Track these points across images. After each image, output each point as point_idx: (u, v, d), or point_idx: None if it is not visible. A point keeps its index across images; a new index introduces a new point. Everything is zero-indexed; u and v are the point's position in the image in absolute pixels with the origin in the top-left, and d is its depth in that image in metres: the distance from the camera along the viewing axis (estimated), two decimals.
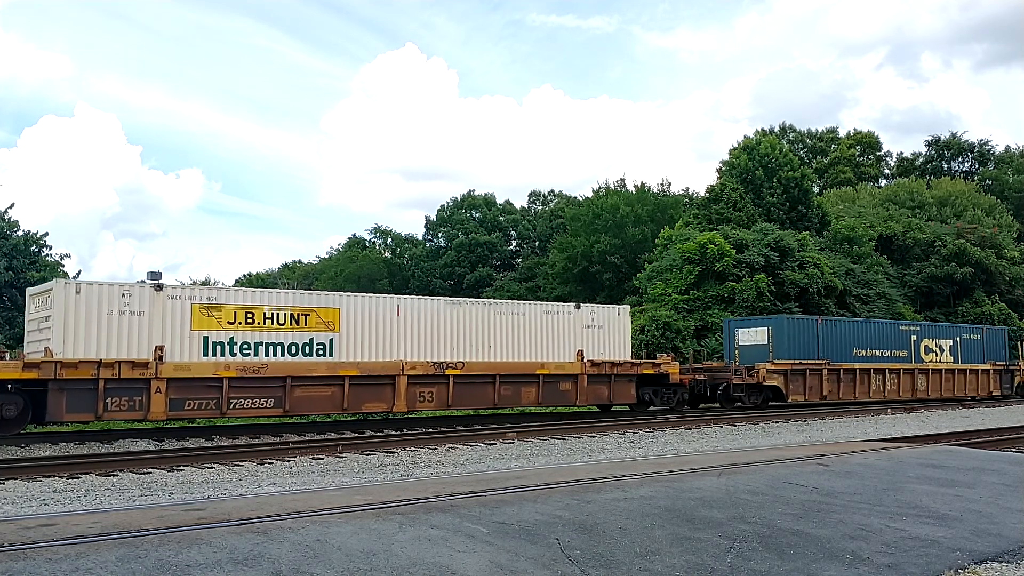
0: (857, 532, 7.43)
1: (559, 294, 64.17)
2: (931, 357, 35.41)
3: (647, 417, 24.64)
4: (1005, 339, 40.40)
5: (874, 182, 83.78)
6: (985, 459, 13.10)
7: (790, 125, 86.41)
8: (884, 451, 13.89)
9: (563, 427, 21.06)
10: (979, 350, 37.76)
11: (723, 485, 9.72)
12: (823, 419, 25.37)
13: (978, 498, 9.33)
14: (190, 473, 13.46)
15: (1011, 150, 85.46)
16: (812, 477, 10.58)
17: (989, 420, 25.34)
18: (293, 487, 11.50)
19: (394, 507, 8.03)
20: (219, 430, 20.49)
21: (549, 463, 14.45)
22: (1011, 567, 6.46)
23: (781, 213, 53.48)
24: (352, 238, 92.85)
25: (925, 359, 35.06)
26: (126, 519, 7.46)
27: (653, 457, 14.64)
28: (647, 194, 66.69)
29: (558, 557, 6.34)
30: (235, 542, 6.40)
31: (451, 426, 22.46)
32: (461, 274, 77.34)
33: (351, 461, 14.93)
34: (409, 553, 6.26)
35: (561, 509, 8.06)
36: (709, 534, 7.22)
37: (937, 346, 35.86)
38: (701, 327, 42.25)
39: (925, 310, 52.68)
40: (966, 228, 58.65)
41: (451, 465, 14.42)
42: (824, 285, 45.07)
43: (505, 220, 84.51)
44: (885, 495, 9.37)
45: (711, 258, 43.36)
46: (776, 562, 6.39)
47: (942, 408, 30.88)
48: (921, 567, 6.36)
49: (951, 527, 7.73)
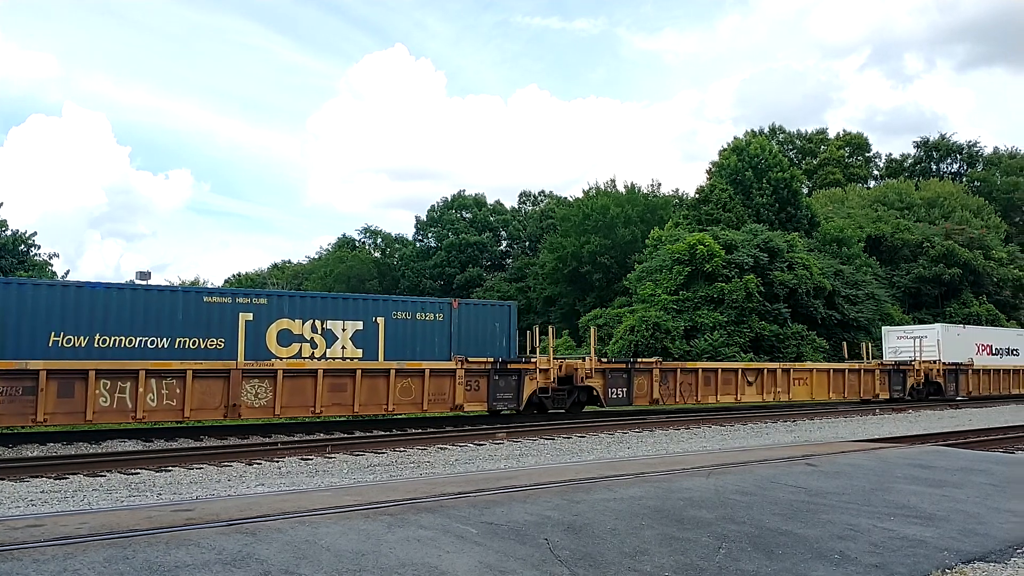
0: (845, 532, 7.45)
1: (549, 294, 64.25)
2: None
3: (637, 417, 24.61)
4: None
5: (863, 183, 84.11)
6: (973, 459, 13.16)
7: (779, 126, 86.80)
8: (872, 451, 13.95)
9: (552, 427, 21.08)
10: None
11: (712, 485, 9.74)
12: (811, 419, 25.43)
13: (966, 498, 9.37)
14: (178, 474, 13.41)
15: (999, 151, 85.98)
16: (801, 477, 10.61)
17: (977, 421, 25.45)
18: (282, 488, 11.47)
19: (383, 508, 8.03)
20: (208, 430, 20.44)
21: (539, 463, 14.46)
22: (998, 567, 6.48)
23: (770, 214, 53.63)
24: (342, 238, 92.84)
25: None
26: (114, 520, 7.43)
27: (642, 457, 14.66)
28: (637, 195, 66.80)
29: (547, 557, 6.34)
30: (224, 543, 6.39)
31: (441, 426, 22.45)
32: (451, 274, 77.30)
33: (340, 462, 14.91)
34: (398, 554, 6.26)
35: (550, 509, 8.06)
36: (698, 534, 7.24)
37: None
38: (691, 327, 42.33)
39: (913, 311, 52.92)
40: (954, 229, 58.94)
41: (440, 466, 14.41)
42: (813, 286, 45.20)
43: (495, 220, 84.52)
44: (873, 495, 9.40)
45: (700, 259, 43.45)
46: (765, 562, 6.41)
47: (930, 409, 30.98)
48: (909, 567, 6.38)
49: (939, 527, 7.76)
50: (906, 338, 38.70)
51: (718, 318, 42.32)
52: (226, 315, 23.30)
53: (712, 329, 41.86)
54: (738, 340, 42.00)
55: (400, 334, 25.76)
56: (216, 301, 23.35)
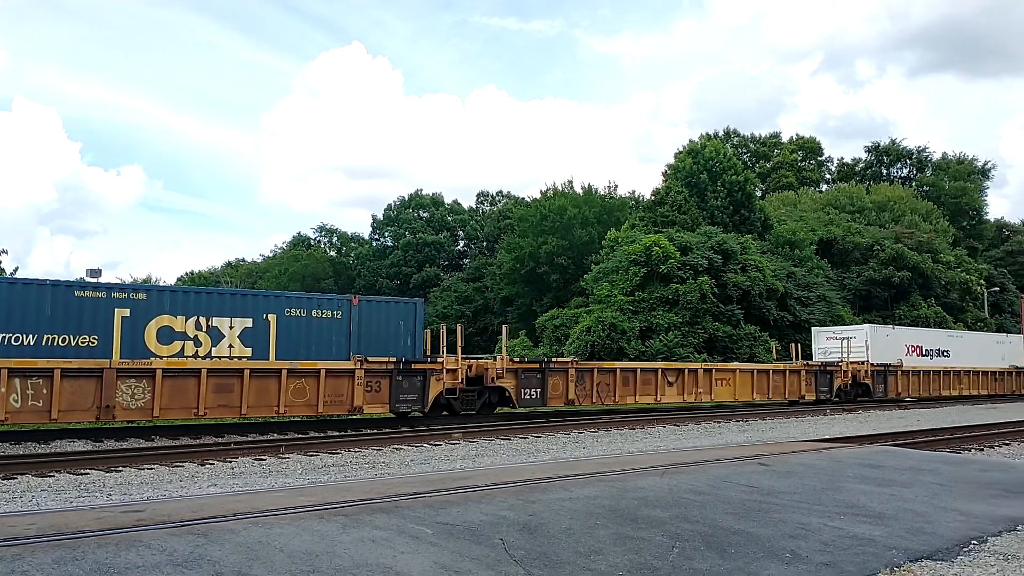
0: (797, 531, 7.55)
1: (507, 295, 64.30)
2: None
3: (592, 417, 24.69)
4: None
5: (815, 187, 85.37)
6: (921, 459, 13.39)
7: (734, 130, 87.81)
8: (823, 451, 14.13)
9: (509, 428, 21.09)
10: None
11: (666, 485, 9.82)
12: (763, 419, 25.73)
13: (914, 497, 9.53)
14: (129, 474, 13.21)
15: (948, 157, 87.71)
16: (753, 477, 10.72)
17: (925, 421, 25.93)
18: (235, 488, 11.34)
19: (338, 508, 7.97)
20: (159, 430, 20.14)
21: (495, 463, 14.45)
22: (944, 564, 6.60)
23: (725, 216, 54.21)
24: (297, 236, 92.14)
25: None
26: (63, 520, 7.30)
27: (598, 457, 14.73)
28: (594, 196, 67.14)
29: (502, 557, 6.34)
30: (175, 544, 6.30)
31: (396, 427, 22.34)
32: (408, 274, 77.04)
33: (294, 462, 14.78)
34: (352, 554, 6.22)
35: (506, 509, 8.07)
36: (652, 533, 7.28)
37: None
38: (646, 328, 42.62)
39: (864, 312, 53.78)
40: (904, 233, 60.06)
41: (396, 466, 14.34)
42: (766, 287, 45.77)
43: (453, 220, 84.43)
44: (824, 494, 9.53)
45: (656, 260, 43.78)
46: (718, 561, 6.47)
47: (879, 409, 31.50)
48: (858, 565, 6.47)
49: (888, 526, 7.89)
50: (835, 339, 38.05)
51: (673, 319, 42.67)
52: (100, 311, 22.13)
53: (667, 330, 42.19)
54: (692, 341, 42.39)
55: (294, 332, 24.75)
56: (88, 296, 22.14)
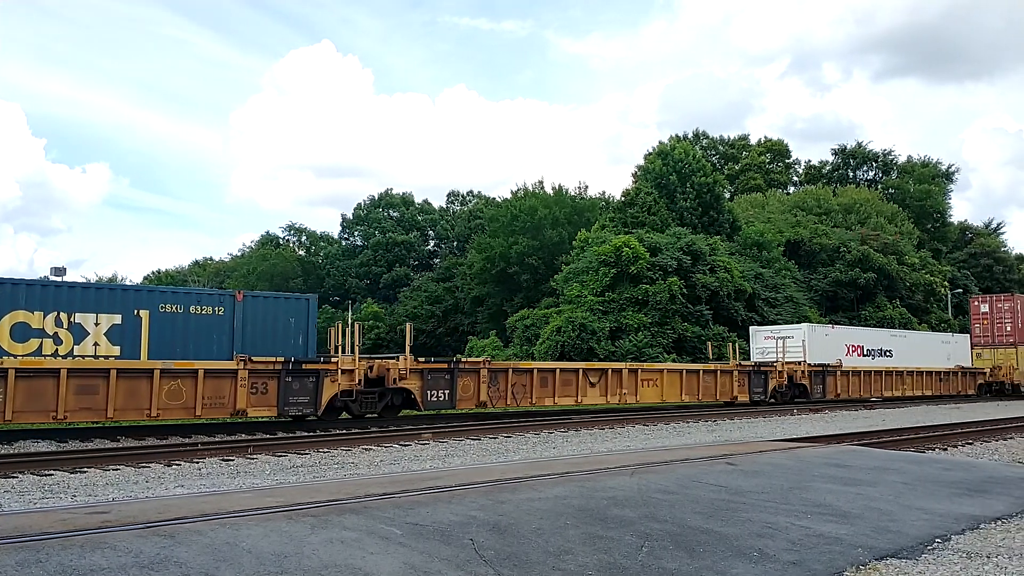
0: (764, 530, 7.60)
1: (477, 295, 64.25)
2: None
3: (563, 417, 24.72)
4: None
5: (783, 189, 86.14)
6: (886, 459, 13.54)
7: (703, 132, 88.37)
8: (790, 451, 14.25)
9: (479, 428, 21.07)
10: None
11: (635, 484, 9.85)
12: (731, 419, 25.90)
13: (880, 496, 9.64)
14: (94, 475, 13.04)
15: (913, 160, 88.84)
16: (721, 476, 10.79)
17: (890, 421, 26.23)
18: (202, 489, 11.24)
19: (306, 509, 7.92)
20: (125, 431, 19.90)
21: (465, 464, 14.43)
22: (909, 563, 6.68)
23: (694, 218, 54.55)
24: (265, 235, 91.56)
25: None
26: (26, 522, 7.19)
27: (567, 457, 14.74)
28: (564, 196, 67.31)
29: (472, 558, 6.34)
30: (141, 545, 6.23)
31: (366, 427, 22.23)
32: (378, 273, 76.78)
33: (262, 463, 14.67)
34: (321, 555, 6.18)
35: (476, 510, 8.06)
36: (621, 533, 7.31)
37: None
38: (616, 328, 42.78)
39: (831, 313, 54.35)
40: (869, 235, 60.75)
41: (365, 467, 14.28)
42: (734, 288, 46.12)
43: (423, 220, 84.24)
44: (791, 494, 9.61)
45: (626, 261, 43.97)
46: (686, 560, 6.50)
47: (846, 409, 31.83)
48: (824, 564, 6.53)
49: (854, 525, 7.97)
50: (772, 339, 36.82)
51: (643, 319, 42.87)
52: None
53: (637, 330, 42.38)
54: (661, 341, 42.62)
55: (169, 329, 23.37)
56: None
